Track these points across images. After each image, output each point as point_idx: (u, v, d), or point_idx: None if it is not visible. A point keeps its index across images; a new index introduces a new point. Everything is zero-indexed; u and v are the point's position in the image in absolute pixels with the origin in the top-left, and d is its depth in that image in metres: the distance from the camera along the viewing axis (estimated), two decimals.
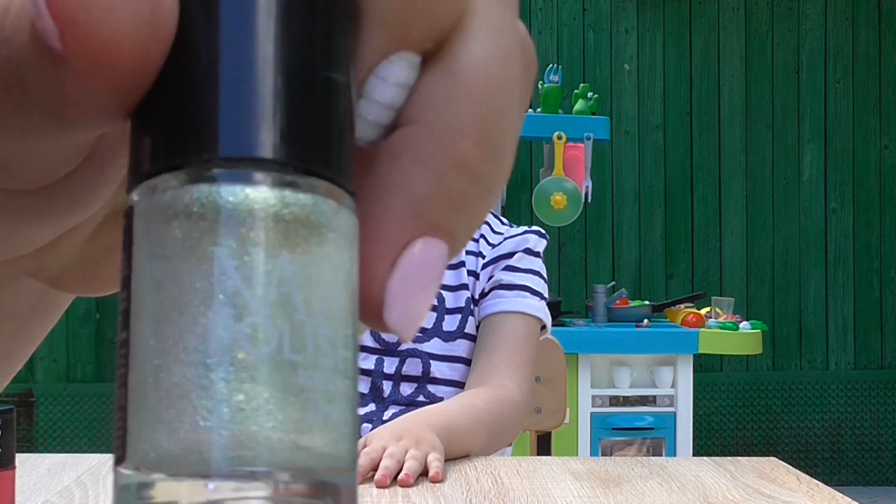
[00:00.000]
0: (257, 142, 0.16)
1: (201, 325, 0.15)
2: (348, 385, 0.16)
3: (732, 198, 4.21)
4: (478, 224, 0.19)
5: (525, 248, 1.33)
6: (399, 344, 1.27)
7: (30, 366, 3.92)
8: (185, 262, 0.16)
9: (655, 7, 4.19)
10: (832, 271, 4.24)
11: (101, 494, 0.92)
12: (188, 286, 0.16)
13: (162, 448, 0.16)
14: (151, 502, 0.16)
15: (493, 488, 0.95)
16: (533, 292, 1.31)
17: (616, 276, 4.11)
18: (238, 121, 0.16)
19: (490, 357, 1.26)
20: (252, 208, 0.16)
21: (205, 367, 0.15)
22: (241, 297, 0.15)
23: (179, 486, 0.16)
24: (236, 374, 0.15)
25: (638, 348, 3.10)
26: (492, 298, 1.30)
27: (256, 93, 0.16)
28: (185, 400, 0.16)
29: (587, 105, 3.26)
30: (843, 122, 4.26)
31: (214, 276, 0.15)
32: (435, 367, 1.26)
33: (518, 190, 3.92)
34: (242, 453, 0.15)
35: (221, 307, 0.15)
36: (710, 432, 4.16)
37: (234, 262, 0.15)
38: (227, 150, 0.16)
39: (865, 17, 4.27)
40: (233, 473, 0.15)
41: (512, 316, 1.29)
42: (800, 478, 1.00)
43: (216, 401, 0.15)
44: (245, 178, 0.16)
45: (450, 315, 1.29)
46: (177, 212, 0.16)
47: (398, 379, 1.26)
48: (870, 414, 4.24)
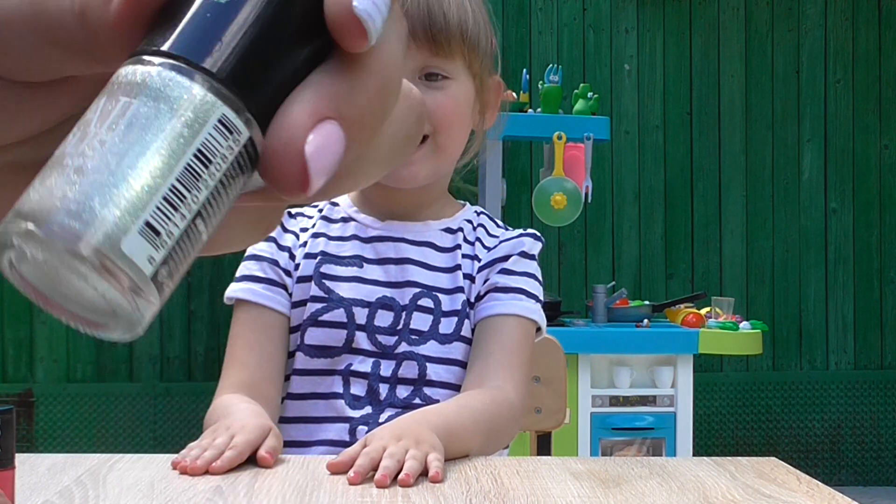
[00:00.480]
0: (165, 42, 0.26)
1: (88, 133, 0.26)
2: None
3: (732, 198, 4.21)
4: (367, 116, 0.28)
5: (520, 252, 1.33)
6: (395, 347, 1.27)
7: (30, 366, 3.92)
8: (102, 98, 0.26)
9: (655, 7, 4.19)
10: (832, 271, 4.24)
11: (101, 494, 0.93)
12: (94, 111, 0.26)
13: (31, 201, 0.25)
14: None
15: (493, 488, 0.95)
16: (528, 295, 1.31)
17: (616, 276, 4.11)
18: (169, 31, 0.26)
19: (486, 360, 1.26)
20: (131, 78, 0.26)
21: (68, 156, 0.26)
22: (97, 120, 0.26)
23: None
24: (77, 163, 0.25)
25: (638, 348, 3.10)
26: (487, 301, 1.30)
27: (191, 15, 0.27)
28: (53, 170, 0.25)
29: (587, 105, 3.26)
30: (843, 122, 4.26)
31: (100, 109, 0.26)
32: (431, 370, 1.26)
33: (518, 190, 3.92)
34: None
35: (95, 124, 0.26)
36: (710, 432, 4.16)
37: (111, 104, 0.26)
38: (152, 46, 0.26)
39: (865, 17, 4.27)
40: None
41: (507, 318, 1.29)
42: (800, 478, 1.00)
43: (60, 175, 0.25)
44: (140, 61, 0.26)
45: (446, 318, 1.28)
46: (117, 77, 0.26)
47: (394, 382, 1.26)
48: (870, 414, 4.24)
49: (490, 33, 1.32)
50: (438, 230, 1.34)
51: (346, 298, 1.27)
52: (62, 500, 0.90)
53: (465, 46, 1.27)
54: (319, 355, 1.27)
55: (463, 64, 1.28)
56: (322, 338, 1.26)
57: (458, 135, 1.29)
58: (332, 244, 1.31)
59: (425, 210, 1.34)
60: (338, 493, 0.93)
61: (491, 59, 1.33)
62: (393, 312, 1.27)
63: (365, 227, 1.32)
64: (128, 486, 0.95)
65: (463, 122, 1.30)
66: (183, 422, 3.94)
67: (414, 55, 1.25)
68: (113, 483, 0.96)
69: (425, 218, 1.34)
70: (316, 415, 1.26)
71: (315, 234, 1.32)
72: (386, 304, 1.28)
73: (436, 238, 1.33)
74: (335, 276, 1.28)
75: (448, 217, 1.36)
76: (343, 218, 1.34)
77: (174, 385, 3.94)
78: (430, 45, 1.25)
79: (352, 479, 0.96)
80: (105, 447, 3.86)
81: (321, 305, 1.27)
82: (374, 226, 1.32)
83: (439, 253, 1.32)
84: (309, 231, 1.33)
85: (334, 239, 1.32)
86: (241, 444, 1.05)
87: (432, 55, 1.26)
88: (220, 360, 1.28)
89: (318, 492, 0.93)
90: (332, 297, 1.27)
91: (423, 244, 1.32)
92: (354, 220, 1.33)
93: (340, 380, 1.26)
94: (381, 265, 1.30)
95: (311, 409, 1.27)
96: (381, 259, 1.30)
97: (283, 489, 0.94)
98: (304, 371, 1.27)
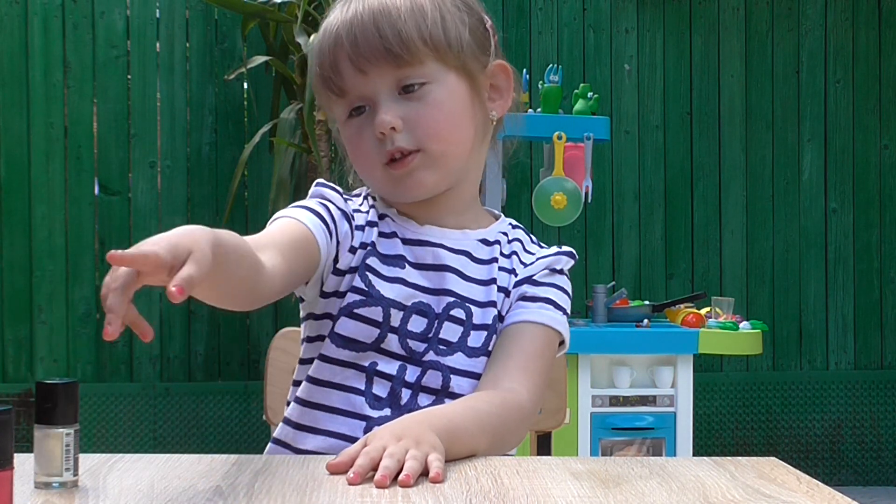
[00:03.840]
0: None
1: None
2: None
3: (732, 198, 4.21)
4: None
5: (553, 268, 1.32)
6: (424, 354, 1.25)
7: (30, 366, 3.92)
8: None
9: (655, 7, 4.19)
10: (832, 271, 4.24)
11: (101, 494, 0.93)
12: None
13: None
14: None
15: (493, 488, 0.95)
16: (556, 306, 1.30)
17: (616, 276, 4.11)
18: None
19: (504, 362, 1.25)
20: None
21: None
22: None
23: None
24: None
25: (638, 348, 3.10)
26: (514, 309, 1.29)
27: None
28: None
29: (587, 105, 3.26)
30: (843, 122, 4.26)
31: None
32: (454, 382, 1.25)
33: (518, 190, 3.93)
34: None
35: None
36: (710, 432, 4.16)
37: None
38: None
39: (865, 17, 4.27)
40: None
41: (532, 326, 1.27)
42: (800, 478, 1.00)
43: None
44: None
45: (476, 331, 1.27)
46: None
47: (417, 389, 1.24)
48: (870, 414, 4.24)
49: (462, 19, 1.26)
50: (476, 240, 1.31)
51: (385, 298, 1.24)
52: (62, 500, 0.90)
53: (429, 47, 1.22)
54: (346, 347, 1.24)
55: (437, 63, 1.23)
56: (353, 330, 1.24)
57: (452, 137, 1.25)
58: (381, 240, 1.28)
59: (460, 217, 1.31)
60: (338, 493, 0.93)
61: (475, 44, 1.27)
62: (427, 319, 1.25)
63: (403, 229, 1.29)
64: (128, 486, 0.95)
65: (455, 122, 1.25)
66: (183, 422, 3.94)
67: (380, 75, 1.22)
68: (113, 483, 0.96)
69: (462, 226, 1.31)
70: (328, 404, 1.24)
71: (370, 221, 1.28)
72: (422, 309, 1.25)
73: (473, 248, 1.30)
74: (379, 273, 1.25)
75: (484, 228, 1.33)
76: (384, 215, 1.30)
77: (174, 385, 3.94)
78: (389, 61, 1.21)
79: (351, 480, 0.96)
80: (105, 447, 3.86)
81: (360, 298, 1.24)
82: (412, 229, 1.29)
83: (476, 264, 1.29)
84: (363, 216, 1.28)
85: (384, 236, 1.28)
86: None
87: (398, 69, 1.22)
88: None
89: (318, 492, 0.93)
90: (373, 292, 1.24)
91: (461, 252, 1.29)
92: (394, 220, 1.30)
93: (364, 377, 1.24)
94: (419, 270, 1.27)
95: (324, 396, 1.24)
96: (419, 264, 1.27)
97: (283, 489, 0.94)
98: (327, 358, 1.25)
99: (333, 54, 1.24)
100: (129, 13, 3.98)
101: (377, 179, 1.27)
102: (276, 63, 3.72)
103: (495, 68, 1.31)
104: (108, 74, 3.98)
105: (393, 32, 1.21)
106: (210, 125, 4.03)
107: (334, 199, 1.27)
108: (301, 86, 3.56)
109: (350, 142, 1.28)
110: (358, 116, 1.26)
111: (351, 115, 1.26)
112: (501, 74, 1.32)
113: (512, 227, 1.37)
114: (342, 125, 1.29)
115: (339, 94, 1.26)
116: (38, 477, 0.93)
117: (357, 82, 1.24)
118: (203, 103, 4.03)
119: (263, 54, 3.81)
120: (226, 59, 4.02)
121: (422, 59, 1.23)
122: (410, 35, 1.22)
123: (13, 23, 3.92)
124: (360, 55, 1.22)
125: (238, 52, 4.02)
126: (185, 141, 4.01)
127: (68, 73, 3.95)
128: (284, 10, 3.63)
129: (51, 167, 3.93)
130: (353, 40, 1.22)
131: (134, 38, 3.99)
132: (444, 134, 1.24)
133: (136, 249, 0.89)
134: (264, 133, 3.70)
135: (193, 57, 4.04)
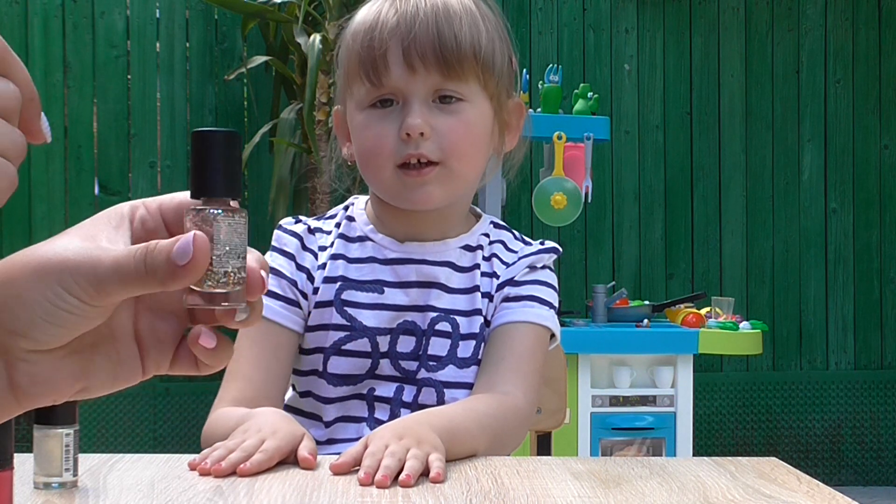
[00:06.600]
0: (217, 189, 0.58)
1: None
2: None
3: (732, 198, 4.21)
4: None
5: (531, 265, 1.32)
6: (416, 373, 1.25)
7: None
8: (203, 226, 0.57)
9: (655, 7, 4.19)
10: (832, 271, 4.24)
11: (101, 494, 0.93)
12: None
13: None
14: None
15: (493, 488, 0.95)
16: (541, 302, 1.29)
17: (616, 276, 4.11)
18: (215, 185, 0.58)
19: (497, 366, 1.25)
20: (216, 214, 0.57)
21: None
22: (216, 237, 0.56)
23: None
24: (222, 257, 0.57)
25: (638, 348, 3.10)
26: (499, 311, 1.29)
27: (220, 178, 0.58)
28: None
29: (587, 105, 3.26)
30: (843, 122, 4.26)
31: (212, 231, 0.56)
32: (449, 396, 1.25)
33: (518, 190, 3.92)
34: None
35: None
36: (710, 432, 4.16)
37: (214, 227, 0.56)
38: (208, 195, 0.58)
39: (865, 17, 4.27)
40: None
41: (520, 325, 1.27)
42: (800, 478, 1.00)
43: None
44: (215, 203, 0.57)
45: (464, 341, 1.26)
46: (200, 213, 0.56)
47: (416, 407, 1.24)
48: (870, 414, 4.24)
49: (508, 52, 1.28)
50: (457, 248, 1.30)
51: (368, 328, 1.24)
52: (62, 500, 0.90)
53: (479, 67, 1.23)
54: (343, 383, 1.25)
55: (478, 85, 1.24)
56: (346, 367, 1.25)
57: (472, 159, 1.25)
58: (351, 268, 1.27)
59: (442, 226, 1.30)
60: (338, 493, 0.93)
61: (510, 79, 1.29)
62: (415, 337, 1.25)
63: (383, 249, 1.28)
64: (128, 486, 0.95)
65: (478, 145, 1.25)
66: (183, 422, 3.94)
67: (425, 78, 1.21)
68: (113, 483, 0.96)
69: (443, 234, 1.30)
70: (346, 437, 1.25)
71: (334, 255, 1.28)
72: (408, 329, 1.25)
73: (455, 257, 1.29)
74: (357, 303, 1.25)
75: (465, 233, 1.31)
76: (360, 237, 1.29)
77: (174, 385, 3.94)
78: (441, 67, 1.21)
79: (363, 480, 0.96)
80: (105, 447, 3.86)
81: (344, 334, 1.24)
82: (392, 248, 1.28)
83: (459, 273, 1.28)
84: (328, 251, 1.29)
85: (353, 261, 1.28)
86: (272, 450, 1.02)
87: (444, 78, 1.21)
88: None
89: (318, 492, 0.93)
90: (355, 325, 1.24)
91: (443, 264, 1.28)
92: (372, 240, 1.29)
93: (364, 404, 1.25)
94: (401, 288, 1.26)
95: (340, 431, 1.26)
96: (402, 282, 1.27)
97: (283, 489, 0.94)
98: (329, 399, 1.26)
99: (385, 42, 1.22)
100: (129, 13, 3.98)
101: (384, 178, 1.24)
102: (276, 63, 3.72)
103: (513, 105, 1.31)
104: (108, 74, 3.98)
105: (451, 40, 1.21)
106: (210, 125, 4.02)
107: (284, 266, 1.28)
108: (301, 86, 3.57)
109: (364, 130, 1.25)
110: (382, 108, 1.23)
111: (374, 105, 1.24)
112: (516, 112, 1.32)
113: (494, 227, 1.36)
114: (359, 110, 1.25)
115: (376, 82, 1.23)
116: (37, 477, 0.93)
117: (399, 76, 1.22)
118: (203, 103, 4.03)
119: (263, 54, 3.81)
120: (226, 59, 4.02)
121: (468, 76, 1.23)
122: (466, 49, 1.22)
123: (13, 23, 3.92)
124: (415, 52, 1.21)
125: (238, 52, 4.02)
126: (185, 141, 4.01)
127: (68, 74, 3.95)
128: (284, 10, 3.63)
129: (51, 167, 3.93)
130: (413, 36, 1.21)
131: (134, 39, 3.99)
132: (467, 154, 1.24)
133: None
134: (264, 133, 3.70)
135: (193, 57, 4.04)
